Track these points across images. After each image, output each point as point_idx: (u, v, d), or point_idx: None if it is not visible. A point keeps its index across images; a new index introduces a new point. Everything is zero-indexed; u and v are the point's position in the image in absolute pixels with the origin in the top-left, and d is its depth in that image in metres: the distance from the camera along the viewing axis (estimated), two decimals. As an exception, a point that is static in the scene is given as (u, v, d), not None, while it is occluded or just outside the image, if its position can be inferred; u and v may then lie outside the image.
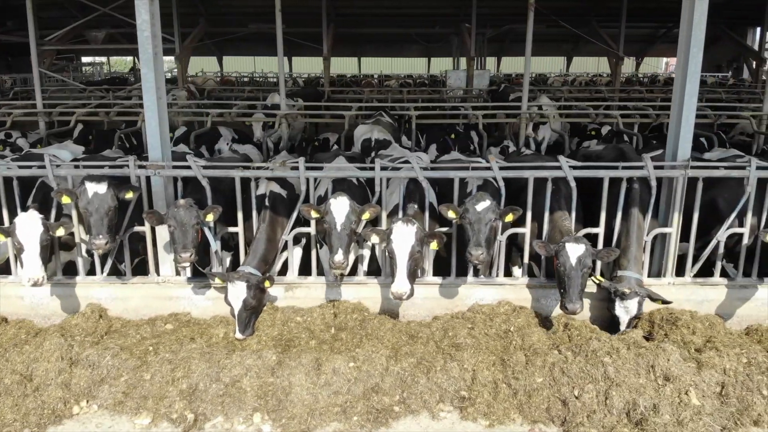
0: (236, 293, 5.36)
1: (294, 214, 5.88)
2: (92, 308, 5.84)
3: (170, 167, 5.79)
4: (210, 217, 5.56)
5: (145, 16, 5.45)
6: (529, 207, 5.81)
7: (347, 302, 5.85)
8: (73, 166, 6.05)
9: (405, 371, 4.89)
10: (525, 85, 10.64)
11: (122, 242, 5.99)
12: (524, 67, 10.54)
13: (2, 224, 5.96)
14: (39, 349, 5.07)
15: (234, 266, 6.25)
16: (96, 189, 5.51)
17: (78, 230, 5.94)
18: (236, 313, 5.42)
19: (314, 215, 5.52)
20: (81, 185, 5.58)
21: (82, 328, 5.64)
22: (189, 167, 5.72)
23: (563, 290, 5.27)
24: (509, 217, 5.53)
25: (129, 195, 5.70)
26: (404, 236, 5.20)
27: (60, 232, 5.45)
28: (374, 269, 6.31)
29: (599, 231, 5.86)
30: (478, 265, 5.67)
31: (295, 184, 6.24)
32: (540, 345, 5.24)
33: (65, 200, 5.63)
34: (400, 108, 12.33)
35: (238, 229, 5.93)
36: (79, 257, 6.06)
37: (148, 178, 5.83)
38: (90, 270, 6.17)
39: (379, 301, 5.97)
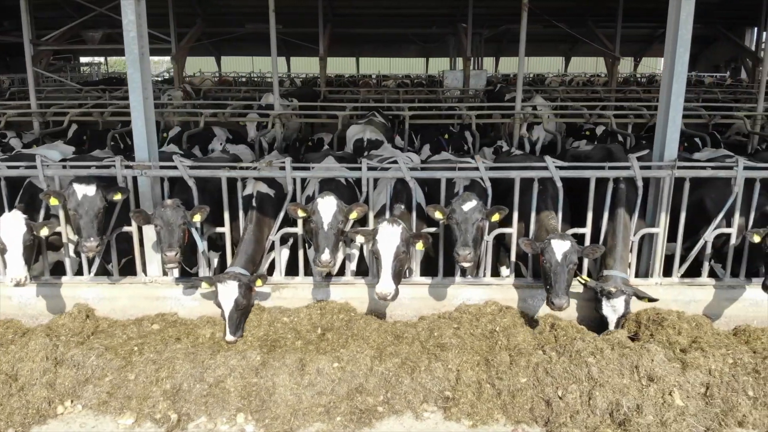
0: (227, 293, 5.31)
1: (281, 214, 5.87)
2: (79, 308, 5.83)
3: (157, 167, 5.79)
4: (197, 218, 5.56)
5: (131, 17, 5.45)
6: (516, 207, 5.81)
7: (334, 302, 5.85)
8: (61, 167, 6.05)
9: (389, 371, 4.89)
10: (519, 86, 10.64)
11: (109, 242, 5.99)
12: (518, 67, 10.54)
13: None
14: (24, 349, 5.07)
15: (222, 266, 6.25)
16: (85, 191, 5.48)
17: (65, 230, 5.95)
18: (227, 315, 5.36)
19: (301, 215, 5.52)
20: (69, 187, 5.55)
21: (69, 328, 5.64)
22: (175, 167, 5.72)
23: (549, 286, 5.28)
24: (495, 217, 5.53)
25: (117, 197, 5.68)
26: (389, 237, 5.20)
27: (44, 232, 5.45)
28: (364, 269, 6.31)
29: (586, 231, 5.86)
30: (466, 266, 5.66)
31: (284, 184, 6.22)
32: (525, 345, 5.24)
33: (53, 202, 5.60)
34: (395, 108, 12.32)
35: (225, 230, 5.93)
36: (67, 257, 6.06)
37: (135, 178, 5.83)
38: (78, 270, 6.17)
39: (367, 302, 5.97)
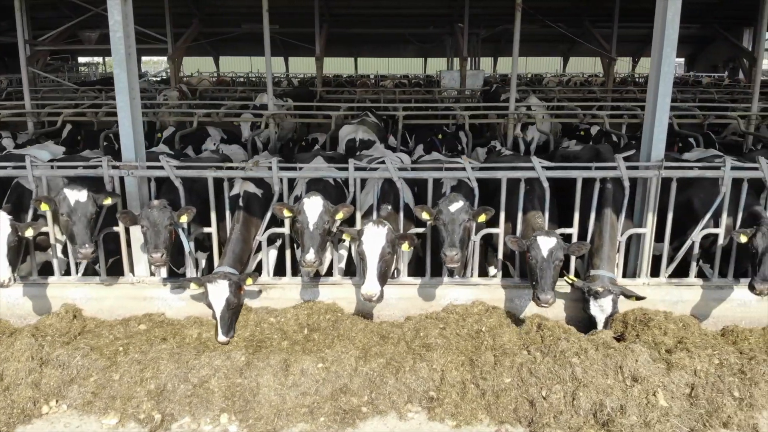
0: (218, 293, 5.29)
1: (268, 214, 5.87)
2: (66, 308, 5.83)
3: (144, 167, 5.79)
4: (184, 219, 5.56)
5: (118, 17, 5.45)
6: (503, 207, 5.81)
7: (321, 303, 5.85)
8: (49, 167, 6.05)
9: (374, 372, 4.88)
10: (512, 86, 10.63)
11: (96, 242, 5.98)
12: (511, 67, 10.53)
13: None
14: (10, 349, 5.07)
15: (209, 267, 6.25)
16: (77, 197, 5.44)
17: (53, 231, 5.94)
18: (219, 315, 5.34)
19: (287, 214, 5.52)
20: (60, 193, 5.50)
21: (56, 328, 5.63)
22: (162, 167, 5.72)
23: (535, 282, 5.29)
24: (482, 218, 5.53)
25: (107, 201, 5.67)
26: (374, 238, 5.19)
27: (29, 233, 5.44)
28: (354, 269, 6.30)
29: (573, 231, 5.85)
30: (453, 266, 5.67)
31: (272, 184, 6.23)
32: (510, 345, 5.23)
33: (44, 208, 5.57)
34: (389, 108, 12.32)
35: (212, 230, 5.93)
36: (55, 258, 6.06)
37: (122, 179, 5.83)
38: (66, 270, 6.18)
39: (354, 302, 5.97)
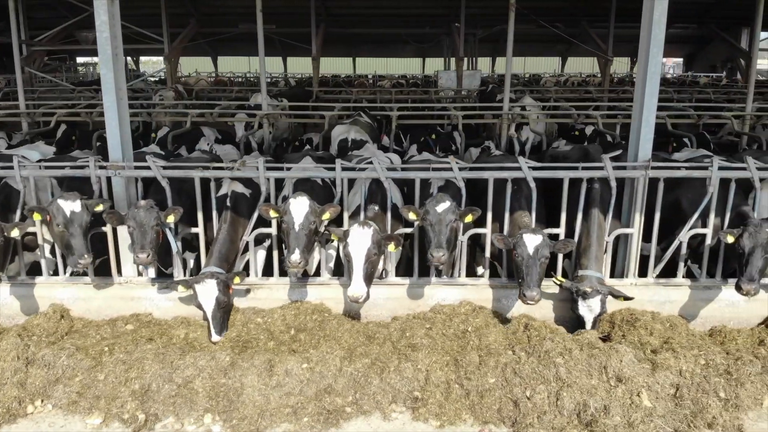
0: (207, 293, 5.32)
1: (255, 215, 5.87)
2: (54, 308, 5.83)
3: (131, 168, 5.79)
4: (170, 219, 5.56)
5: (104, 17, 5.46)
6: (490, 207, 5.81)
7: (308, 303, 5.84)
8: (37, 167, 6.06)
9: (359, 372, 4.88)
10: (506, 86, 10.62)
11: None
12: (505, 68, 10.53)
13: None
14: (-4, 349, 5.08)
15: (198, 267, 6.24)
16: (72, 207, 5.40)
17: (41, 231, 5.94)
18: (210, 315, 5.37)
19: (273, 215, 5.52)
20: (53, 203, 5.47)
21: (44, 328, 5.63)
22: (149, 167, 5.72)
23: (521, 279, 5.29)
24: (469, 218, 5.53)
25: (99, 208, 5.65)
26: (360, 239, 5.20)
27: (15, 233, 5.44)
28: (343, 270, 6.30)
29: (560, 231, 5.85)
30: (440, 266, 5.67)
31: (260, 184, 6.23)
32: (496, 345, 5.23)
33: (36, 217, 5.54)
34: (383, 108, 12.32)
35: (199, 230, 5.93)
36: (43, 258, 6.06)
37: (109, 179, 5.83)
38: (55, 271, 6.18)
39: (342, 302, 5.96)
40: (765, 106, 12.19)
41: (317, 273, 6.26)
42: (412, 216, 5.58)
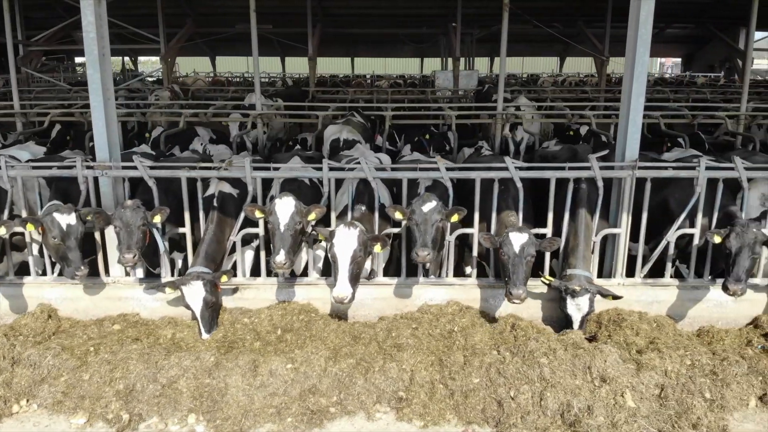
0: (194, 294, 5.36)
1: (242, 215, 5.87)
2: (42, 308, 5.84)
3: (118, 167, 5.80)
4: (157, 219, 5.57)
5: (91, 18, 5.46)
6: (477, 207, 5.80)
7: (296, 303, 5.85)
8: (24, 167, 6.06)
9: (343, 372, 4.88)
10: (500, 86, 10.59)
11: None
12: (500, 68, 10.51)
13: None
14: (-19, 349, 5.09)
15: (186, 268, 6.24)
16: (68, 220, 5.40)
17: (28, 231, 5.94)
18: (198, 315, 5.42)
19: (258, 215, 5.52)
20: (48, 217, 5.46)
21: (31, 328, 5.64)
22: (136, 167, 5.72)
23: (508, 278, 5.29)
24: (455, 218, 5.53)
25: (91, 217, 5.67)
26: (346, 240, 5.19)
27: (1, 232, 5.45)
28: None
29: (547, 231, 5.84)
30: (426, 265, 5.67)
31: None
32: (482, 345, 5.23)
33: (30, 228, 5.53)
34: (377, 108, 12.31)
35: (186, 230, 5.93)
36: (30, 257, 6.07)
37: (97, 179, 5.84)
38: (44, 271, 6.19)
39: (329, 302, 5.96)
40: (760, 106, 12.17)
41: (305, 273, 6.26)
42: (398, 216, 5.58)
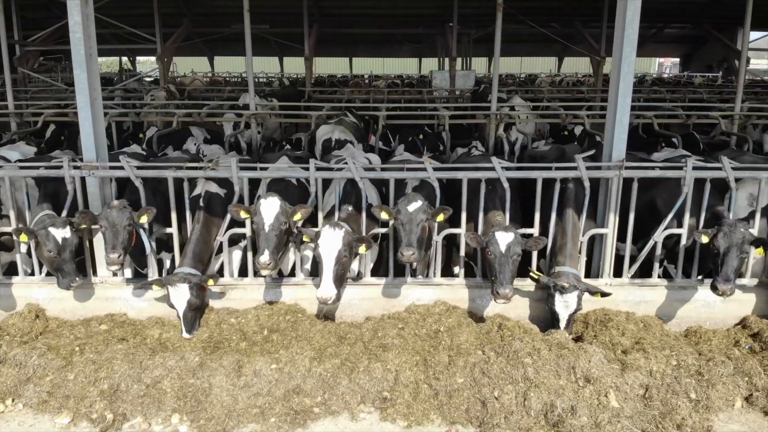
0: (179, 295, 5.38)
1: (229, 215, 5.87)
2: (29, 308, 5.84)
3: (105, 167, 5.80)
4: (143, 219, 5.57)
5: (77, 18, 5.45)
6: (464, 207, 5.80)
7: (283, 304, 5.85)
8: (11, 168, 6.06)
9: (328, 372, 4.87)
10: (494, 86, 10.58)
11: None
12: (493, 67, 10.50)
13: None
14: (-33, 349, 5.09)
15: (174, 268, 6.24)
16: (63, 234, 5.44)
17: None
18: (181, 315, 5.44)
19: (243, 216, 5.51)
20: (43, 230, 5.47)
21: (18, 328, 5.65)
22: (122, 167, 5.72)
23: (494, 277, 5.28)
24: (440, 218, 5.53)
25: (83, 226, 5.67)
26: (331, 241, 5.19)
27: (-10, 232, 5.47)
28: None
29: (534, 231, 5.84)
30: (412, 265, 5.66)
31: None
32: (467, 345, 5.22)
33: (23, 239, 5.54)
34: (372, 108, 12.31)
35: (173, 230, 5.93)
36: (18, 255, 6.07)
37: (83, 179, 5.84)
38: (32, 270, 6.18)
39: (317, 302, 5.94)
40: (755, 106, 12.17)
41: (293, 273, 6.25)
42: (384, 215, 5.58)
